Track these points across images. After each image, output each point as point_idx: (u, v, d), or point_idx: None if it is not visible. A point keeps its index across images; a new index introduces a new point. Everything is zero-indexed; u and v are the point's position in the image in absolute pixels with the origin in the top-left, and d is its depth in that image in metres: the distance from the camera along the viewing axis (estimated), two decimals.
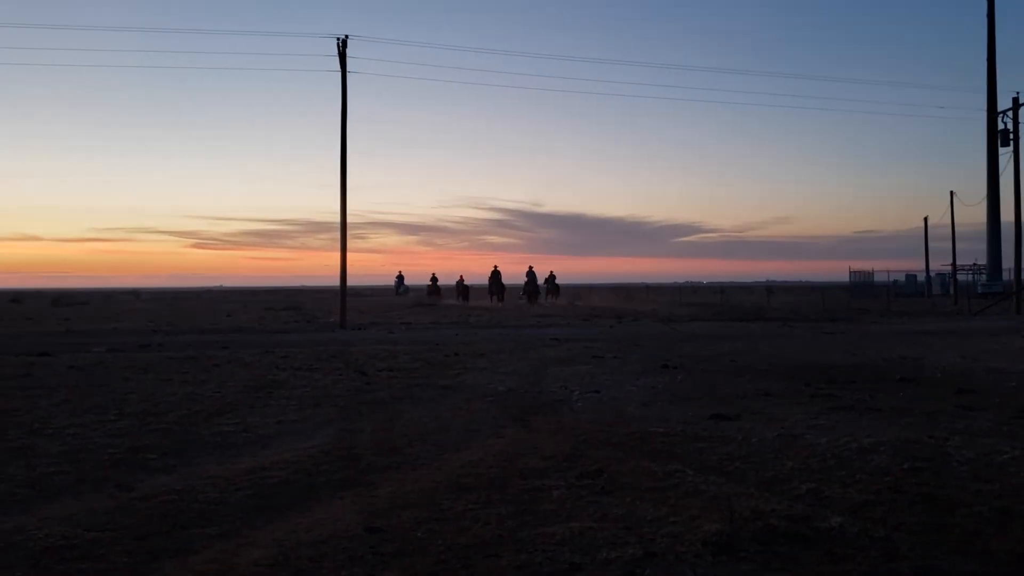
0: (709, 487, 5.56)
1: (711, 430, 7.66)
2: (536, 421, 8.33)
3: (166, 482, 5.87)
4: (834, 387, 10.54)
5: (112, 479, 5.96)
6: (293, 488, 5.72)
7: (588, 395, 10.10)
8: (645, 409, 9.01)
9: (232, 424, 8.20)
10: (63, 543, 4.46)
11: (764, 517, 4.79)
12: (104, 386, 10.88)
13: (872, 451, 6.58)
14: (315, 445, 7.20)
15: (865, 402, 9.29)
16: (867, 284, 57.77)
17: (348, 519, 4.92)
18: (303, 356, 15.15)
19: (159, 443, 7.27)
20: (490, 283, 45.23)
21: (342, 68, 27.26)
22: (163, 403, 9.45)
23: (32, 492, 5.62)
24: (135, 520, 4.92)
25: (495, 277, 44.96)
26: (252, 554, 4.29)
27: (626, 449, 6.88)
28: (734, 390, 10.39)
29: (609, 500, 5.26)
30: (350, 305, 28.49)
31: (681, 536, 4.48)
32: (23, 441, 7.31)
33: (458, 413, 8.88)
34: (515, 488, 5.59)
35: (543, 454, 6.65)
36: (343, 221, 27.56)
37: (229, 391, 10.49)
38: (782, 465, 6.19)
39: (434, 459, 6.61)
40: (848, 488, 5.50)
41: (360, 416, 8.76)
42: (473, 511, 5.04)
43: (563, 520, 4.82)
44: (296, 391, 10.53)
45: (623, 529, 4.63)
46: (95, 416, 8.56)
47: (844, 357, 14.60)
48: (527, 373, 12.48)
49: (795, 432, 7.49)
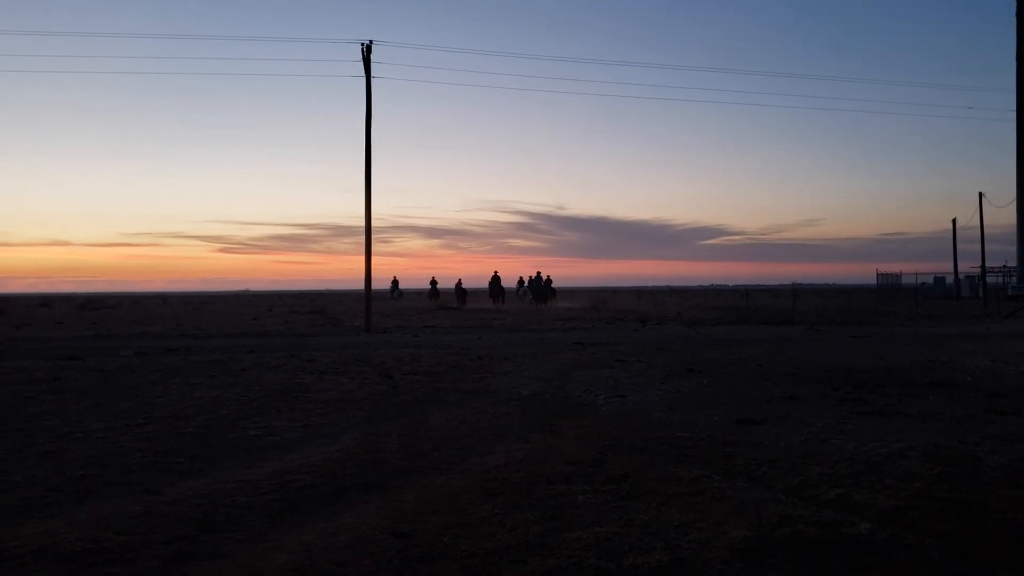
0: (736, 492, 5.52)
1: (737, 435, 7.61)
2: (561, 426, 8.31)
3: (194, 486, 5.91)
4: (862, 391, 10.43)
5: (140, 483, 6.01)
6: (319, 492, 5.74)
7: (613, 399, 10.06)
8: (671, 413, 8.97)
9: (258, 428, 8.25)
10: (92, 547, 4.50)
11: (792, 523, 4.75)
12: (132, 390, 11.00)
13: (901, 456, 6.51)
14: (341, 449, 7.23)
15: (894, 406, 9.19)
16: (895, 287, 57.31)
17: (374, 523, 4.93)
18: (328, 360, 15.23)
19: (187, 447, 7.33)
20: (491, 287, 47.38)
21: (366, 73, 27.40)
22: (190, 407, 9.53)
23: (62, 495, 5.68)
24: (163, 524, 4.95)
25: (495, 281, 47.11)
26: (279, 558, 4.31)
27: (652, 454, 6.84)
28: (760, 394, 10.32)
29: (635, 505, 5.23)
30: (375, 309, 28.59)
31: (708, 542, 4.45)
32: (53, 444, 7.40)
33: (483, 417, 8.88)
34: (541, 493, 5.58)
35: (568, 459, 6.63)
36: (367, 225, 27.68)
37: (255, 395, 10.56)
38: (809, 470, 6.13)
39: (460, 463, 6.61)
40: (877, 494, 5.44)
41: (385, 420, 8.78)
42: (499, 516, 5.03)
43: (589, 525, 4.80)
44: (322, 395, 10.58)
45: (649, 535, 4.60)
46: (124, 420, 8.65)
47: (872, 361, 14.45)
48: (552, 377, 12.46)
49: (822, 437, 7.43)
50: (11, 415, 8.94)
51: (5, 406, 9.56)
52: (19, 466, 6.54)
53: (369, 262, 28.01)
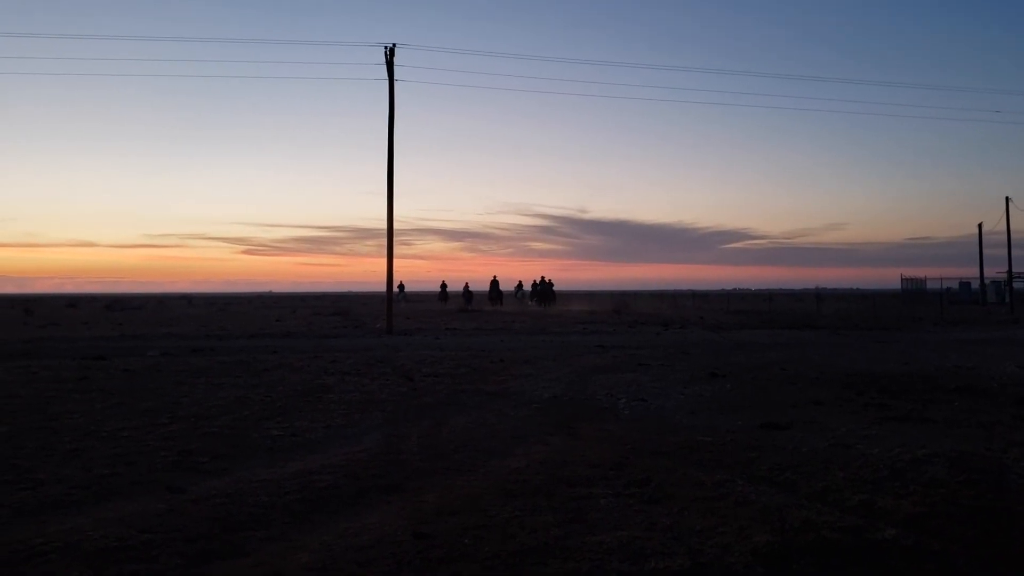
0: (759, 497, 5.48)
1: (761, 439, 7.56)
2: (582, 429, 8.29)
3: (217, 485, 5.96)
4: (886, 396, 10.34)
5: (164, 481, 6.06)
6: (341, 492, 5.76)
7: (635, 403, 10.03)
8: (693, 418, 8.93)
9: (281, 428, 8.30)
10: (117, 544, 4.54)
11: (815, 528, 4.71)
12: (157, 390, 11.09)
13: (926, 462, 6.44)
14: (363, 449, 7.25)
15: (919, 412, 9.10)
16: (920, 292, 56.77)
17: (396, 524, 4.94)
18: (351, 361, 15.29)
19: (210, 446, 7.38)
20: (490, 290, 52.69)
21: (389, 76, 27.49)
22: (214, 407, 9.60)
23: (87, 493, 5.74)
24: (187, 522, 4.99)
25: (494, 285, 52.55)
26: (301, 558, 4.33)
27: (674, 458, 6.81)
28: (784, 399, 10.25)
29: (657, 509, 5.21)
30: (396, 310, 28.66)
31: (730, 547, 4.43)
32: (79, 443, 7.48)
33: (504, 419, 8.88)
34: (562, 496, 5.57)
35: (590, 462, 6.61)
36: (390, 228, 27.80)
37: (278, 395, 10.62)
38: (833, 475, 6.08)
39: (480, 465, 6.61)
40: (902, 500, 5.39)
41: (407, 421, 8.80)
42: (520, 518, 5.03)
43: (611, 529, 4.79)
44: (344, 396, 10.63)
45: (671, 539, 4.58)
46: (148, 419, 8.73)
47: (897, 366, 14.31)
48: (573, 380, 12.44)
49: (847, 442, 7.37)
50: (38, 413, 9.04)
51: (32, 405, 9.68)
52: (45, 464, 6.61)
53: (391, 264, 28.14)
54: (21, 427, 8.22)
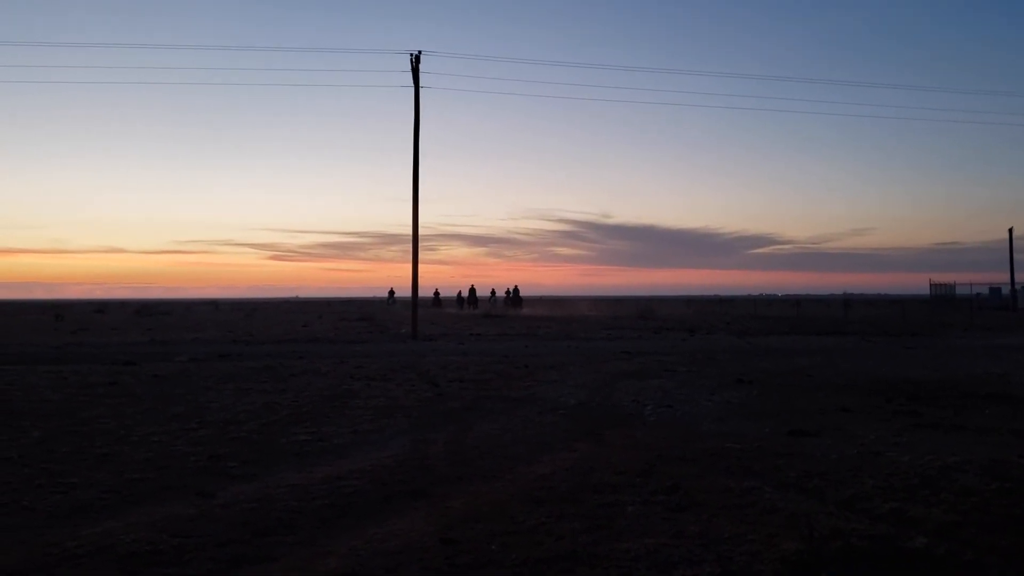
0: (787, 504, 5.44)
1: (789, 446, 7.51)
2: (608, 435, 8.27)
3: (246, 490, 6.00)
4: (916, 403, 10.23)
5: (194, 486, 6.11)
6: (368, 497, 5.79)
7: (661, 409, 9.99)
8: (720, 424, 8.87)
9: (309, 433, 8.35)
10: (149, 548, 4.59)
11: (845, 536, 4.67)
12: (186, 395, 11.20)
13: (958, 470, 6.36)
14: (389, 455, 7.28)
15: (949, 419, 8.99)
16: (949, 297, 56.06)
17: (422, 530, 4.96)
18: (376, 366, 15.35)
19: (239, 451, 7.44)
20: (468, 295, 60.24)
21: (415, 83, 27.61)
22: (242, 412, 9.68)
23: (119, 498, 5.80)
24: (217, 527, 5.04)
25: (472, 292, 60.28)
26: (329, 563, 4.36)
27: (701, 465, 6.78)
28: (812, 406, 10.17)
29: (685, 517, 5.19)
30: (420, 316, 28.74)
31: (759, 554, 4.40)
32: (110, 447, 7.57)
33: (529, 426, 8.88)
34: (589, 503, 5.56)
35: (616, 469, 6.59)
36: (415, 233, 27.88)
37: (305, 401, 10.68)
38: (863, 483, 6.03)
39: (506, 471, 6.61)
40: (933, 508, 5.32)
41: (432, 427, 8.82)
42: (547, 525, 5.02)
43: (638, 536, 4.77)
44: (370, 401, 10.67)
45: (700, 546, 4.56)
46: (178, 424, 8.81)
47: (926, 373, 14.16)
48: (598, 386, 12.41)
49: (876, 449, 7.29)
50: (69, 418, 9.16)
51: (64, 410, 9.80)
52: (77, 468, 6.70)
53: (416, 270, 28.23)
54: (53, 431, 8.32)
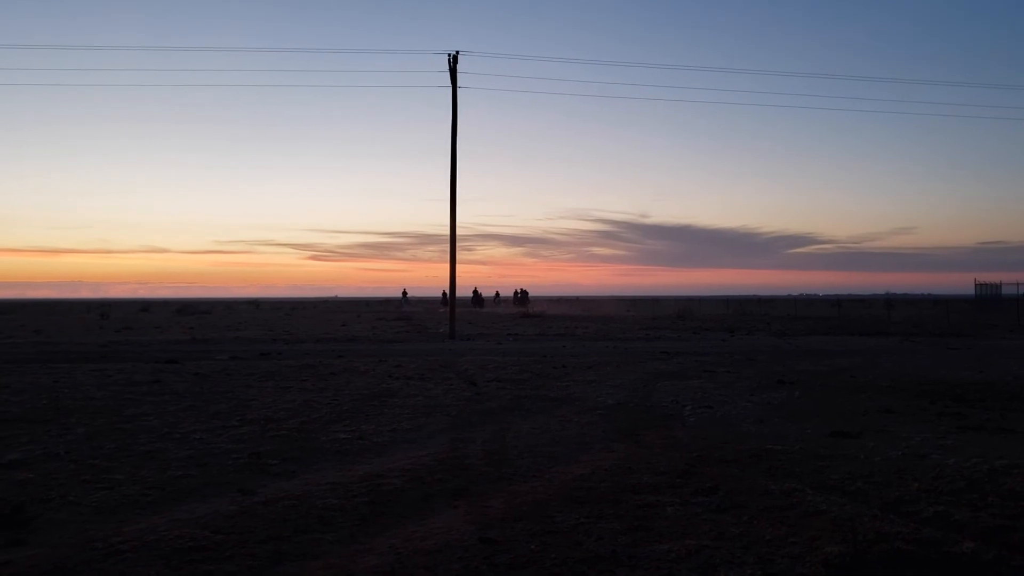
0: (830, 507, 5.36)
1: (831, 448, 7.40)
2: (647, 436, 8.22)
3: (286, 487, 6.05)
4: (962, 405, 10.04)
5: (236, 483, 6.18)
6: (407, 496, 5.81)
7: (700, 410, 9.90)
8: (761, 426, 8.78)
9: (348, 431, 8.40)
10: (191, 544, 4.64)
11: (889, 540, 4.59)
12: (227, 393, 11.33)
13: (1005, 473, 6.23)
14: (428, 454, 7.30)
15: (995, 421, 8.81)
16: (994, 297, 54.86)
17: (462, 529, 4.96)
18: (415, 366, 15.42)
19: (279, 449, 7.51)
20: (473, 296, 64.95)
21: (452, 84, 27.70)
22: (283, 410, 9.77)
23: (162, 494, 5.88)
24: (258, 524, 5.08)
25: (476, 294, 65.42)
26: (369, 560, 4.37)
27: (742, 466, 6.71)
28: (854, 407, 10.02)
29: (726, 518, 5.13)
30: (458, 316, 28.82)
31: (802, 557, 4.33)
32: (153, 445, 7.68)
33: (568, 426, 8.85)
34: (628, 503, 5.52)
35: (656, 470, 6.55)
36: (452, 234, 27.96)
37: (345, 399, 10.76)
38: (907, 486, 5.92)
39: (545, 471, 6.60)
40: (980, 512, 5.21)
41: (471, 426, 8.83)
42: (586, 525, 5.00)
43: (678, 537, 4.73)
44: (409, 400, 10.72)
45: (741, 548, 4.51)
46: (219, 422, 8.92)
47: (971, 374, 13.88)
48: (637, 387, 12.35)
49: (921, 452, 7.17)
50: (114, 415, 9.32)
51: (109, 407, 9.97)
52: (122, 465, 6.81)
53: (454, 270, 28.31)
54: (98, 428, 8.47)
